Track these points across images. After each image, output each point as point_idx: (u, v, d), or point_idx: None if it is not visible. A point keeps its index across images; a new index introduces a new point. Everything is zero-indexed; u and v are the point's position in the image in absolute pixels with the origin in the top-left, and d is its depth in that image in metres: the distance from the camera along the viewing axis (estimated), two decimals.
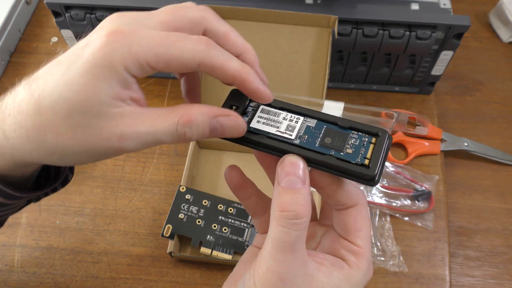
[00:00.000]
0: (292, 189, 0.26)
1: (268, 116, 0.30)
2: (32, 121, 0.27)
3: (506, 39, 0.75)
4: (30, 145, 0.28)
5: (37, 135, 0.27)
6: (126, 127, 0.26)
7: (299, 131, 0.29)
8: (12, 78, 0.70)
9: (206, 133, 0.27)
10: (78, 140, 0.27)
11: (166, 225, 0.53)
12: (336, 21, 0.55)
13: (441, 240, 0.57)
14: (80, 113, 0.26)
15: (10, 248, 0.56)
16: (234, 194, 0.32)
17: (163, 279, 0.54)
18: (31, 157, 0.29)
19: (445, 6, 0.60)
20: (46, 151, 0.28)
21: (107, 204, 0.59)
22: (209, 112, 0.27)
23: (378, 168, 0.26)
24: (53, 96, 0.26)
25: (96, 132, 0.26)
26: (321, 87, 0.59)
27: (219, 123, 0.27)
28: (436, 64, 0.63)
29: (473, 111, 0.69)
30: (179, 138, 0.27)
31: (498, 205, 0.61)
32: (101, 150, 0.27)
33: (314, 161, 0.27)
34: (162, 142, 0.27)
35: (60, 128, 0.26)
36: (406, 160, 0.62)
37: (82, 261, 0.55)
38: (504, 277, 0.56)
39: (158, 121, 0.27)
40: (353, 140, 0.28)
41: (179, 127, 0.27)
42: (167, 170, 0.62)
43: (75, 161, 0.29)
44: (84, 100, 0.26)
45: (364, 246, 0.29)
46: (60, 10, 0.60)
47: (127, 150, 0.27)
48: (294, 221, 0.26)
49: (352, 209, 0.29)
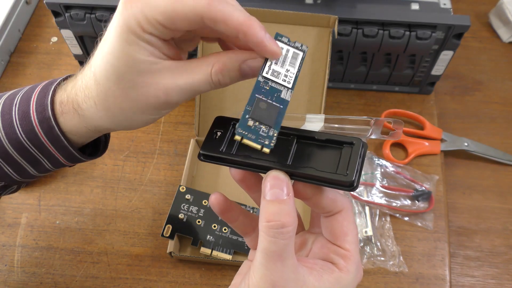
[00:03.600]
0: (277, 200, 0.28)
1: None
2: (95, 91, 0.31)
3: (506, 39, 0.75)
4: (99, 113, 0.32)
5: (101, 102, 0.32)
6: (168, 82, 0.30)
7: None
8: (12, 78, 0.70)
9: (238, 76, 0.31)
10: (132, 100, 0.31)
11: (166, 225, 0.53)
12: (336, 21, 0.55)
13: (441, 240, 0.57)
14: (127, 75, 0.30)
15: (10, 248, 0.56)
16: (221, 218, 0.34)
17: (163, 279, 0.54)
18: (102, 124, 0.33)
19: (445, 6, 0.60)
20: (112, 116, 0.32)
21: (107, 204, 0.59)
22: (237, 57, 0.30)
23: (355, 174, 0.28)
24: (102, 65, 0.30)
25: (145, 90, 0.30)
26: (321, 87, 0.59)
27: (248, 65, 0.30)
28: (436, 64, 0.63)
29: (473, 111, 0.69)
30: (215, 85, 0.31)
31: (498, 205, 0.61)
32: (152, 105, 0.31)
33: (296, 174, 0.29)
34: (201, 91, 0.31)
35: (115, 92, 0.31)
36: (406, 160, 0.62)
37: (82, 261, 0.55)
38: (504, 277, 0.56)
39: (194, 73, 0.30)
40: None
41: (213, 76, 0.30)
42: (167, 170, 0.62)
43: (137, 122, 0.33)
44: (126, 63, 0.30)
45: (351, 249, 0.30)
46: (60, 10, 0.60)
47: (173, 102, 0.31)
48: (280, 231, 0.27)
49: (338, 215, 0.31)
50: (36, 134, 0.34)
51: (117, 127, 0.34)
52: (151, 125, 0.65)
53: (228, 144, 0.31)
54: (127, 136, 0.64)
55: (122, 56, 0.29)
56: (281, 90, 0.30)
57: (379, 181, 0.60)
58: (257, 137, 0.29)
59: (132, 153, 0.63)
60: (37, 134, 0.34)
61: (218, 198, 0.33)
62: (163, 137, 0.65)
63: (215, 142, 0.31)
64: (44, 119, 0.33)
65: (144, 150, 0.63)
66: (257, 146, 0.29)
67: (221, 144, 0.31)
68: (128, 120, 0.33)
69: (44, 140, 0.34)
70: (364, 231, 0.56)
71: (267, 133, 0.29)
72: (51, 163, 0.37)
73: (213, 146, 0.31)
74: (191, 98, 0.33)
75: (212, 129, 0.32)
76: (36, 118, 0.34)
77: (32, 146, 0.35)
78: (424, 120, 0.64)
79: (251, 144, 0.29)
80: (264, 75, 0.30)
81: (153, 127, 0.65)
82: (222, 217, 0.34)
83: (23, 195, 0.60)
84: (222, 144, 0.31)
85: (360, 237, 0.56)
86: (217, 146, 0.31)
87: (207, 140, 0.32)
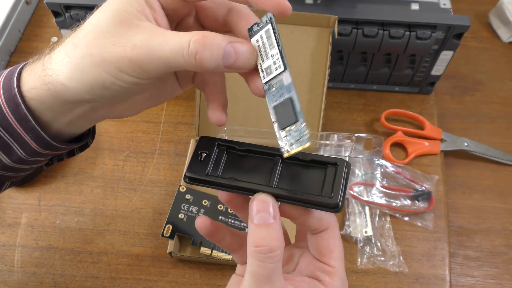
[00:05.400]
0: (264, 225, 0.28)
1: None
2: (72, 40, 0.30)
3: (506, 39, 0.75)
4: (69, 72, 0.30)
5: (74, 60, 0.29)
6: (141, 38, 0.28)
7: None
8: None
9: (219, 56, 0.27)
10: (100, 47, 0.28)
11: (166, 225, 0.53)
12: (336, 21, 0.55)
13: (441, 240, 0.57)
14: (108, 20, 0.29)
15: (10, 248, 0.56)
16: (209, 239, 0.35)
17: (163, 279, 0.54)
18: (70, 87, 0.30)
19: (445, 6, 0.60)
20: (80, 72, 0.29)
21: (107, 204, 0.59)
22: (224, 37, 0.28)
23: (340, 196, 0.29)
24: (95, 17, 0.29)
25: (116, 40, 0.28)
26: (321, 87, 0.59)
27: (234, 48, 0.28)
28: (436, 64, 0.63)
29: (473, 111, 0.69)
30: (190, 59, 0.27)
31: (498, 205, 0.61)
32: (118, 61, 0.28)
33: (282, 197, 0.30)
34: (172, 64, 0.28)
35: (89, 39, 0.29)
36: (406, 160, 0.62)
37: (82, 261, 0.55)
38: (504, 277, 0.56)
39: (172, 38, 0.28)
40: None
41: (192, 44, 0.27)
42: (167, 170, 0.62)
43: (103, 86, 0.30)
44: (113, 7, 0.29)
45: (337, 265, 0.31)
46: (60, 10, 0.60)
47: (139, 66, 0.28)
48: (268, 255, 0.28)
49: (324, 233, 0.31)
50: (4, 115, 0.32)
51: (72, 82, 0.30)
52: (151, 125, 0.65)
53: (214, 165, 0.32)
54: (127, 136, 0.64)
55: (115, 5, 0.29)
56: (281, 79, 0.29)
57: (379, 181, 0.60)
58: (296, 141, 0.29)
59: (132, 153, 0.63)
60: (5, 115, 0.32)
61: (204, 222, 0.34)
62: (163, 137, 0.65)
63: (201, 164, 0.31)
64: (10, 96, 0.32)
65: (144, 150, 0.64)
66: (302, 148, 0.28)
67: (207, 166, 0.31)
68: (87, 73, 0.29)
69: (12, 120, 0.32)
70: (364, 231, 0.56)
71: (298, 130, 0.29)
72: (23, 149, 0.34)
73: (198, 168, 0.31)
74: (162, 73, 0.29)
75: (197, 150, 0.32)
76: (3, 96, 0.32)
77: (1, 127, 0.33)
78: (424, 120, 0.64)
79: (297, 151, 0.28)
80: (265, 81, 0.30)
81: (153, 127, 0.65)
82: (210, 239, 0.34)
83: (23, 195, 0.60)
84: (208, 166, 0.31)
85: (360, 237, 0.56)
86: (203, 168, 0.31)
87: (192, 162, 0.32)
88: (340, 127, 0.66)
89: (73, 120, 0.34)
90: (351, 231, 0.57)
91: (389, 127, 0.64)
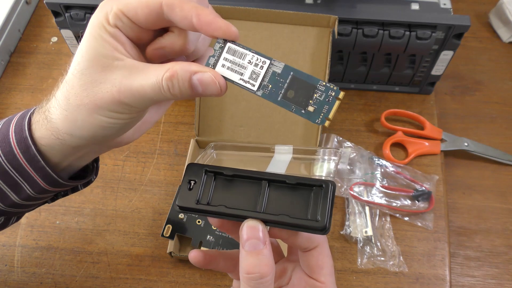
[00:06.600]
0: (255, 252, 0.30)
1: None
2: (62, 93, 0.32)
3: (506, 39, 0.75)
4: (61, 113, 0.32)
5: (64, 102, 0.31)
6: (123, 80, 0.30)
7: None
8: (12, 78, 0.70)
9: (188, 89, 0.30)
10: (89, 96, 0.30)
11: (166, 225, 0.53)
12: (336, 21, 0.55)
13: (441, 240, 0.57)
14: (89, 70, 0.30)
15: (10, 248, 0.56)
16: (205, 269, 0.37)
17: (163, 279, 0.54)
18: (64, 127, 0.32)
19: (445, 6, 0.60)
20: (71, 115, 0.31)
21: (107, 204, 0.59)
22: (188, 68, 0.29)
23: (326, 219, 0.30)
24: (72, 65, 0.31)
25: (102, 86, 0.30)
26: None
27: (199, 80, 0.29)
28: (436, 64, 0.63)
29: (473, 111, 0.69)
30: (165, 93, 0.30)
31: (498, 205, 0.61)
32: (106, 103, 0.30)
33: (271, 221, 0.31)
34: (152, 98, 0.30)
35: (77, 89, 0.30)
36: (406, 160, 0.62)
37: (82, 261, 0.55)
38: (504, 277, 0.56)
39: (149, 75, 0.30)
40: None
41: (164, 81, 0.29)
42: (167, 170, 0.62)
43: (93, 124, 0.32)
44: (89, 57, 0.30)
45: (327, 281, 0.33)
46: (60, 10, 0.60)
47: (126, 104, 0.30)
48: (260, 281, 0.29)
49: (313, 251, 0.33)
50: (15, 155, 0.34)
51: (76, 130, 0.32)
52: None
53: (203, 193, 0.33)
54: None
55: (86, 51, 0.30)
56: (272, 70, 0.30)
57: (379, 181, 0.60)
58: (327, 102, 0.29)
59: (132, 153, 0.63)
60: (16, 155, 0.34)
61: (197, 256, 0.36)
62: (163, 137, 0.65)
63: (190, 193, 0.33)
64: (21, 139, 0.34)
65: (144, 150, 0.64)
66: (338, 104, 0.29)
67: (196, 194, 0.32)
68: (85, 121, 0.31)
69: (22, 160, 0.34)
70: (364, 231, 0.56)
71: (322, 91, 0.29)
72: (32, 187, 0.36)
73: (188, 197, 0.32)
74: (150, 105, 0.32)
75: (185, 178, 0.33)
76: (15, 138, 0.34)
77: (11, 167, 0.34)
78: (424, 120, 0.64)
79: (336, 108, 0.29)
80: (256, 88, 0.30)
81: (153, 127, 0.65)
82: (205, 268, 0.37)
83: None
84: (197, 194, 0.32)
85: (360, 237, 0.56)
86: (193, 196, 0.32)
87: (183, 191, 0.33)
88: (340, 127, 0.66)
89: (81, 156, 0.36)
90: (351, 231, 0.57)
91: (389, 127, 0.64)
